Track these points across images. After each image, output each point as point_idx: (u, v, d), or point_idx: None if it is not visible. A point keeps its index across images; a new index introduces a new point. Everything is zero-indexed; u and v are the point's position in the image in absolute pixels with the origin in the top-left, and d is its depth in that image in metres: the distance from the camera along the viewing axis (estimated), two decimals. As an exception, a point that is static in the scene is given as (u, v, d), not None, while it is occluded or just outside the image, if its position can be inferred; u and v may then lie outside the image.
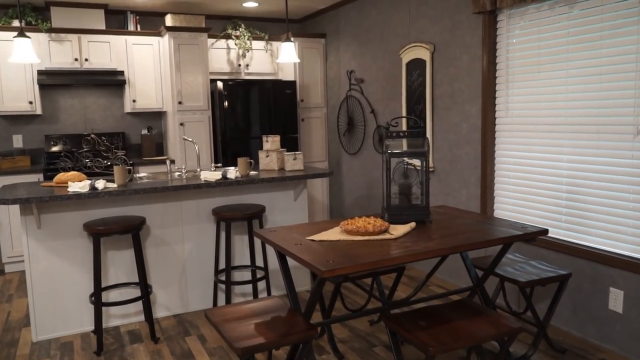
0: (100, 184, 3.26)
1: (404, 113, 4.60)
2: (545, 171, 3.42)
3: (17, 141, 5.34)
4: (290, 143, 5.74)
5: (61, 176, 3.52)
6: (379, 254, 2.23)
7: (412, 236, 2.52)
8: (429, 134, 4.29)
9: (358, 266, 2.12)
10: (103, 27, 5.31)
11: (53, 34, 5.05)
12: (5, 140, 5.30)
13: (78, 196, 3.12)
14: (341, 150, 5.79)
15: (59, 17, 5.13)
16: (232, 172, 3.61)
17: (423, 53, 4.30)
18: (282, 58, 3.88)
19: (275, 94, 5.60)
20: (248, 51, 5.82)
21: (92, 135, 3.63)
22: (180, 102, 5.28)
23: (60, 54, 5.09)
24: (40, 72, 5.01)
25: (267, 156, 4.12)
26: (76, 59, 5.15)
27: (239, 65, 5.83)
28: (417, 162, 2.80)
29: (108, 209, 3.48)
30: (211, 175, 3.56)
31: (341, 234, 2.54)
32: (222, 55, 5.73)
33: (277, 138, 4.14)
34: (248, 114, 5.49)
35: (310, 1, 5.45)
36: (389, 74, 4.84)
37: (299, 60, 3.92)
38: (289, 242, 2.46)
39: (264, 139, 4.15)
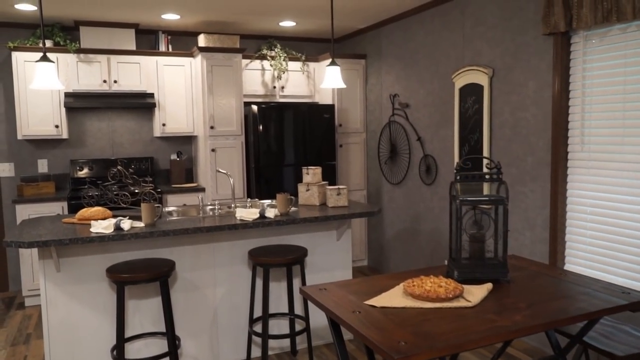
0: (126, 224, 2.92)
1: (456, 142, 4.19)
2: (629, 216, 2.96)
3: (42, 166, 5.09)
4: (328, 171, 5.36)
5: (84, 212, 3.20)
6: (459, 332, 1.82)
7: (493, 303, 2.09)
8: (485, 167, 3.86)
9: (437, 351, 1.71)
10: (133, 47, 5.05)
11: (82, 55, 4.80)
12: (30, 165, 5.06)
13: (101, 239, 2.78)
14: (382, 179, 5.39)
15: (89, 37, 4.89)
16: (271, 211, 3.25)
17: (480, 77, 3.90)
18: (327, 83, 3.52)
19: (312, 118, 5.25)
20: (284, 72, 5.50)
21: (119, 167, 3.31)
22: (212, 127, 4.97)
23: (89, 75, 4.84)
24: (67, 95, 4.76)
25: (308, 190, 3.74)
26: (105, 81, 4.89)
27: (274, 87, 5.50)
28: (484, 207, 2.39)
29: (133, 251, 3.14)
30: (247, 213, 3.20)
31: (406, 298, 2.13)
32: (256, 77, 5.42)
33: (319, 170, 3.77)
34: (282, 139, 5.15)
35: (350, 20, 5.11)
36: (438, 99, 4.44)
37: (344, 86, 3.57)
38: (344, 307, 2.06)
39: (304, 170, 3.78)
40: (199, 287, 3.32)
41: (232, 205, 3.53)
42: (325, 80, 3.55)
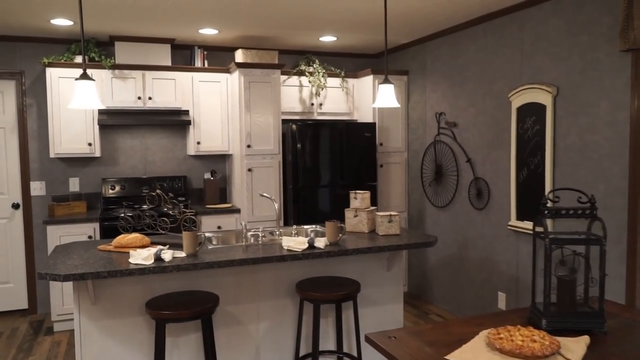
0: (167, 255, 2.70)
1: (512, 165, 3.89)
2: None
3: (74, 185, 4.93)
4: (370, 193, 5.09)
5: (121, 239, 2.99)
6: (573, 404, 1.53)
7: (598, 363, 1.79)
8: (548, 192, 3.56)
9: None
10: (169, 63, 4.89)
11: (116, 71, 4.65)
12: (62, 184, 4.90)
13: (141, 271, 2.56)
14: (425, 201, 5.10)
15: (124, 52, 4.75)
16: (321, 240, 2.99)
17: (542, 97, 3.61)
18: (380, 102, 3.28)
19: (352, 137, 5.01)
20: (322, 89, 5.28)
21: (158, 191, 3.10)
22: (248, 146, 4.76)
23: (123, 91, 4.68)
24: (101, 112, 4.61)
25: (356, 216, 3.48)
26: (139, 97, 4.73)
27: (312, 104, 5.29)
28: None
29: (173, 281, 2.91)
30: (295, 242, 2.95)
31: (493, 353, 1.84)
32: (294, 94, 5.22)
33: (368, 195, 3.51)
34: (322, 159, 4.91)
35: (393, 35, 4.88)
36: (491, 118, 4.16)
37: (398, 105, 3.32)
38: (423, 364, 1.79)
39: (352, 195, 3.52)
40: (241, 321, 3.07)
41: (277, 232, 3.28)
42: (378, 99, 3.30)
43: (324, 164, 4.92)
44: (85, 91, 2.70)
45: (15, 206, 4.80)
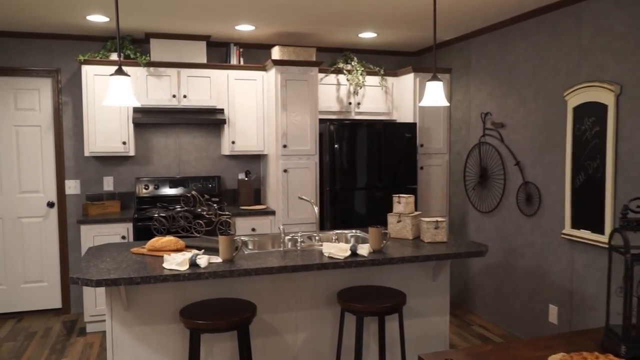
0: (203, 260, 2.55)
1: (567, 169, 3.63)
2: None
3: (108, 184, 4.87)
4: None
5: (154, 242, 2.87)
6: None
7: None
8: (608, 200, 3.30)
9: None
10: (204, 60, 4.78)
11: (151, 69, 4.57)
12: (96, 183, 4.85)
13: (176, 277, 2.42)
14: (468, 206, 4.86)
15: (159, 49, 4.66)
16: (364, 247, 2.81)
17: (603, 96, 3.34)
18: (428, 100, 3.07)
19: (390, 137, 4.80)
20: (360, 87, 5.09)
21: (193, 192, 2.97)
22: (285, 146, 4.61)
23: (158, 89, 4.59)
24: (135, 110, 4.53)
25: (399, 221, 3.29)
26: (174, 96, 4.63)
27: (349, 103, 5.10)
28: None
29: (208, 287, 2.77)
30: (337, 249, 2.78)
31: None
32: (331, 92, 5.04)
33: (412, 199, 3.31)
34: (360, 160, 4.72)
35: (435, 31, 4.65)
36: (543, 119, 3.90)
37: (447, 104, 3.11)
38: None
39: (395, 199, 3.33)
40: (278, 331, 2.91)
41: (316, 237, 3.11)
42: (426, 98, 3.10)
43: (362, 165, 4.73)
44: (120, 87, 2.59)
45: (50, 205, 4.77)
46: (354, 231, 3.51)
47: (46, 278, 4.81)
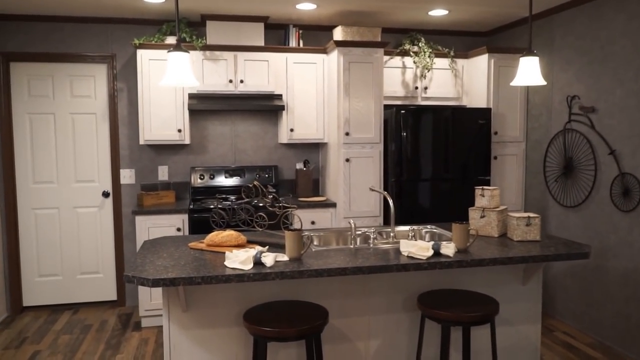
0: (269, 258, 2.28)
1: (679, 159, 3.14)
2: None
3: (163, 173, 4.70)
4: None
5: (214, 237, 2.62)
6: None
7: None
8: None
9: None
10: (262, 43, 4.51)
11: (207, 52, 4.34)
12: (150, 172, 4.69)
13: (239, 277, 2.16)
14: (548, 199, 4.39)
15: (215, 32, 4.42)
16: (449, 247, 2.46)
17: None
18: (521, 79, 2.68)
19: (462, 124, 4.40)
20: (428, 70, 4.70)
21: (255, 183, 2.70)
22: (347, 133, 4.29)
23: (214, 74, 4.37)
24: (191, 96, 4.32)
25: (483, 216, 2.91)
26: (230, 81, 4.40)
27: (416, 87, 4.72)
28: None
29: (272, 288, 2.50)
30: (417, 248, 2.44)
31: None
32: (396, 76, 4.67)
33: (497, 192, 2.92)
34: (426, 148, 4.34)
35: (512, 7, 4.19)
36: (647, 101, 3.40)
37: (544, 82, 2.71)
38: None
39: (478, 191, 2.95)
40: (348, 337, 2.61)
41: (391, 234, 2.78)
42: (519, 76, 2.70)
43: (431, 154, 4.35)
44: (179, 65, 2.33)
45: (106, 194, 4.65)
46: (428, 227, 3.16)
47: (102, 269, 4.71)
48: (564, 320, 4.23)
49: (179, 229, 4.15)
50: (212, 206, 4.18)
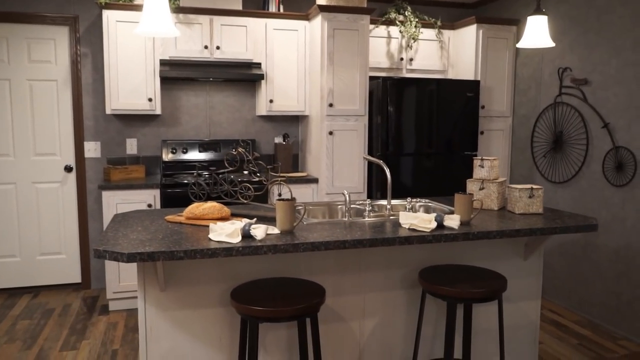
0: (259, 231, 2.04)
1: (678, 131, 3.04)
2: None
3: (131, 147, 4.37)
4: (466, 164, 4.33)
5: (194, 209, 2.36)
6: None
7: None
8: None
9: None
10: (240, 7, 4.21)
11: (181, 15, 4.01)
12: (118, 145, 4.35)
13: (227, 251, 1.92)
14: (536, 175, 4.28)
15: (189, -6, 4.10)
16: (453, 219, 2.27)
17: None
18: (528, 40, 2.50)
19: (448, 97, 4.22)
20: (414, 41, 4.49)
21: (240, 149, 2.44)
22: (330, 105, 4.05)
23: (188, 40, 4.05)
24: (162, 62, 4.00)
25: (482, 189, 2.74)
26: (206, 47, 4.09)
27: (401, 59, 4.52)
28: None
29: (261, 264, 2.27)
30: (418, 220, 2.24)
31: None
32: (381, 46, 4.46)
33: (497, 162, 2.75)
34: (415, 122, 4.16)
35: (509, -27, 4.02)
36: (645, 72, 3.29)
37: (553, 44, 2.53)
38: None
39: (477, 162, 2.78)
40: (342, 317, 2.41)
41: (387, 207, 2.58)
42: (525, 37, 2.52)
43: (416, 128, 4.16)
44: (157, 10, 2.05)
45: (68, 169, 4.30)
46: (422, 200, 2.97)
47: (64, 250, 4.37)
48: (551, 299, 4.14)
49: (150, 205, 3.86)
50: (185, 181, 3.90)
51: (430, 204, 2.90)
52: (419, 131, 4.19)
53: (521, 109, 4.45)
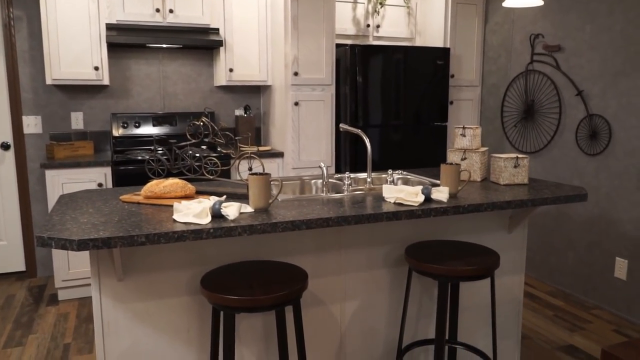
0: (232, 209, 1.80)
1: (656, 97, 2.97)
2: None
3: (77, 121, 3.98)
4: (435, 135, 4.19)
5: (154, 187, 2.09)
6: None
7: None
8: None
9: None
10: (194, -34, 3.85)
11: (128, -26, 3.63)
12: (62, 120, 3.96)
13: (197, 234, 1.67)
14: (506, 146, 4.20)
15: (137, -50, 3.71)
16: (441, 191, 2.10)
17: None
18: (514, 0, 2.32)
19: (416, 66, 4.05)
20: (382, 6, 4.27)
21: (204, 119, 2.17)
22: (296, 73, 3.80)
23: (137, 2, 3.67)
24: (109, 27, 3.62)
25: (464, 159, 2.59)
26: (158, 10, 3.73)
27: (368, 25, 4.29)
28: None
29: (230, 246, 2.04)
30: (405, 194, 2.06)
31: None
32: (346, 12, 4.22)
33: (479, 131, 2.60)
34: (384, 92, 3.97)
35: None
36: (621, 37, 3.20)
37: (541, 3, 2.37)
38: None
39: (458, 131, 2.62)
40: (321, 301, 2.22)
41: (368, 180, 2.38)
42: (513, -7, 2.34)
43: (387, 98, 3.98)
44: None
45: (5, 146, 3.88)
46: (399, 172, 2.79)
47: (5, 236, 3.97)
48: (521, 270, 4.11)
49: (100, 185, 3.52)
50: (140, 157, 3.58)
51: (408, 176, 2.73)
52: (387, 101, 4.00)
53: (491, 78, 4.33)
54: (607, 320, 3.27)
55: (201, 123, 2.17)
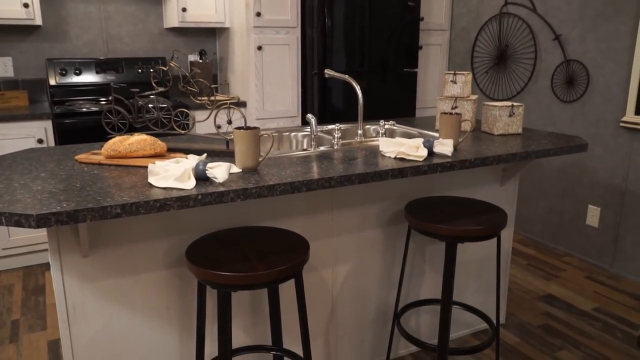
0: (220, 171, 1.54)
1: (638, 41, 2.88)
2: None
3: (5, 67, 3.47)
4: (405, 82, 3.99)
5: (117, 144, 1.78)
6: None
7: None
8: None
9: None
10: None
11: None
12: (-13, 66, 3.44)
13: (182, 201, 1.41)
14: (475, 92, 4.07)
15: None
16: (445, 144, 1.91)
17: None
18: None
19: (384, 8, 3.78)
20: (347, -60, 3.91)
21: (173, 63, 1.85)
22: (258, 14, 3.44)
23: None
24: (39, -45, 3.10)
25: (455, 107, 2.41)
26: (95, -63, 3.22)
27: (332, -38, 3.94)
28: None
29: (213, 213, 1.78)
30: (406, 148, 1.85)
31: None
32: (309, -54, 3.83)
33: (470, 77, 2.42)
34: (355, 35, 3.69)
35: None
36: (604, -23, 3.07)
37: None
38: None
39: (448, 77, 2.42)
40: (312, 266, 2.03)
41: (359, 132, 2.16)
42: None
43: (351, 42, 3.71)
44: None
45: None
46: (383, 122, 2.59)
47: None
48: (490, 219, 4.09)
49: (41, 141, 3.11)
50: (84, 109, 3.17)
51: (394, 127, 2.53)
52: (352, 46, 3.73)
53: (460, 21, 4.14)
54: (578, 267, 3.30)
55: (168, 68, 1.84)
